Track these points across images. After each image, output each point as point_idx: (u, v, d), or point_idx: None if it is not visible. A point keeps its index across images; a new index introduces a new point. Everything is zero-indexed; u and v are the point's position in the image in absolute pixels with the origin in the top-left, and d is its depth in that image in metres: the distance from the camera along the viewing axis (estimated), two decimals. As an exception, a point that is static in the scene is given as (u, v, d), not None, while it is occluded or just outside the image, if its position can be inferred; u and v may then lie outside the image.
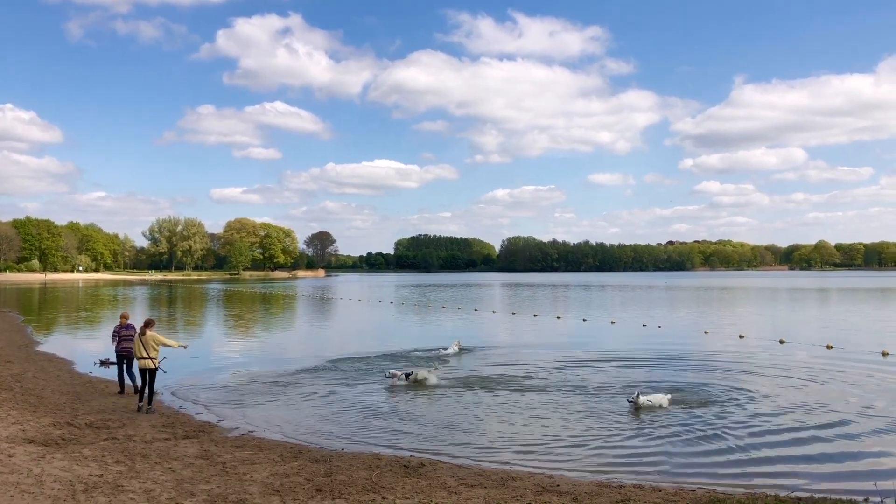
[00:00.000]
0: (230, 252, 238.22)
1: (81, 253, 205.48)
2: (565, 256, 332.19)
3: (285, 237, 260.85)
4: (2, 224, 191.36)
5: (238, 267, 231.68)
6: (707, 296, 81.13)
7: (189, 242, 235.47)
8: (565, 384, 19.59)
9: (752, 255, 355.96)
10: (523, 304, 63.79)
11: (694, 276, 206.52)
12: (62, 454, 11.02)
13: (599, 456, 12.63)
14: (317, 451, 12.28)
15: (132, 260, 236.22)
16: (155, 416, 14.91)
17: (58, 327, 37.77)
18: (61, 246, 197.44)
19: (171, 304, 66.42)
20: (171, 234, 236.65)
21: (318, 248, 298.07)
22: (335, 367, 22.90)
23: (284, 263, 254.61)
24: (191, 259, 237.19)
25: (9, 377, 18.79)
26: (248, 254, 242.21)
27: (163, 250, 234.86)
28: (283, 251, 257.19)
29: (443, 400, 17.47)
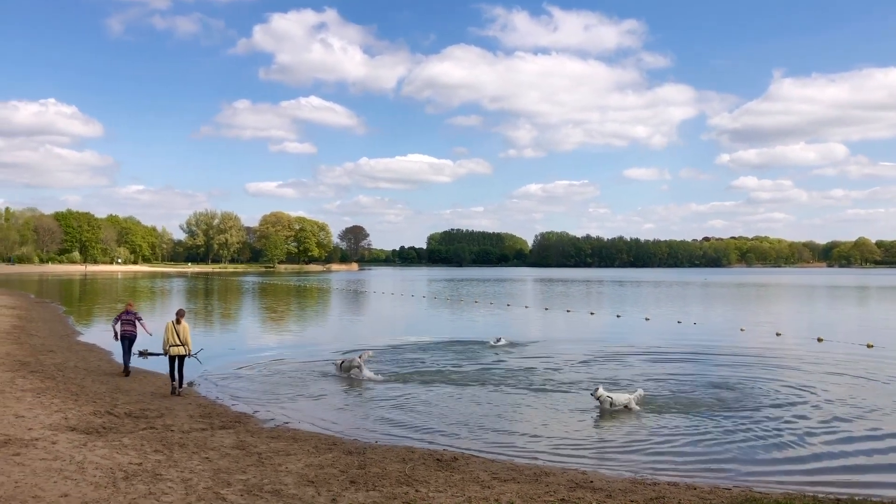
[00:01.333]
0: (266, 245, 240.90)
1: (120, 245, 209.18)
2: (599, 252, 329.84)
3: (319, 231, 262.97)
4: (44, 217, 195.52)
5: (273, 260, 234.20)
6: (743, 293, 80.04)
7: (225, 236, 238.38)
8: (598, 380, 19.47)
9: (789, 251, 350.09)
10: (556, 299, 63.53)
11: (730, 273, 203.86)
12: (103, 442, 11.25)
13: (633, 452, 12.55)
14: (350, 444, 12.38)
15: (170, 252, 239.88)
16: (192, 406, 15.15)
17: (98, 318, 38.51)
18: (101, 238, 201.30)
19: (207, 296, 67.34)
20: (207, 227, 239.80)
21: (351, 242, 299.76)
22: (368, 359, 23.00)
23: (319, 257, 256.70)
24: (227, 252, 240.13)
25: (52, 366, 19.21)
26: (284, 247, 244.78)
27: (200, 243, 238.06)
28: (318, 245, 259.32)
29: (474, 394, 17.48)
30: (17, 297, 53.38)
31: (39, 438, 11.13)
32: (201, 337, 29.58)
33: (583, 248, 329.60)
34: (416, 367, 21.80)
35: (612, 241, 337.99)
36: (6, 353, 20.74)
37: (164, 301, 57.21)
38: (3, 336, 25.28)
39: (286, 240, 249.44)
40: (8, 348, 22.02)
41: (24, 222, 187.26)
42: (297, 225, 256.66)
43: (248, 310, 50.67)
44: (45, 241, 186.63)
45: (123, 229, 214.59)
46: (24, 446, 10.60)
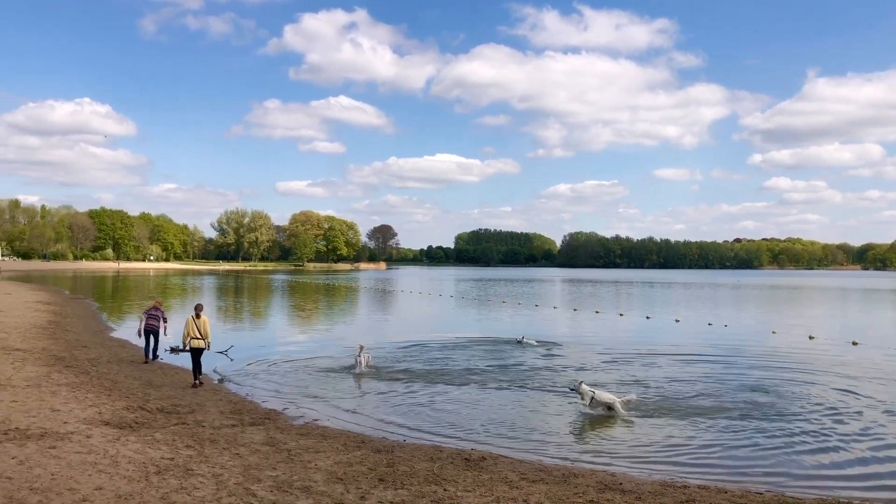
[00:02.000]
0: (295, 244, 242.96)
1: (153, 243, 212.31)
2: (628, 253, 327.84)
3: (348, 230, 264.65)
4: (78, 214, 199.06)
5: (303, 258, 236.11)
6: (775, 295, 78.99)
7: (256, 234, 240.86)
8: (627, 381, 19.34)
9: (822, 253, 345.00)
10: (585, 300, 63.20)
11: (762, 275, 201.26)
12: (135, 437, 11.40)
13: (663, 454, 12.43)
14: (379, 442, 12.41)
15: (201, 250, 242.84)
16: (222, 402, 15.30)
17: (130, 314, 39.05)
18: (134, 236, 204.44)
19: (238, 293, 68.00)
20: (238, 225, 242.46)
21: (379, 241, 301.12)
22: (395, 357, 23.09)
23: (347, 256, 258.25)
24: (257, 250, 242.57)
25: (86, 361, 19.53)
26: (313, 246, 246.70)
27: (230, 241, 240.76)
28: (346, 244, 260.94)
29: (500, 394, 17.45)
30: (53, 293, 54.34)
31: (74, 432, 11.31)
32: (231, 334, 29.90)
33: (612, 248, 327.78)
34: (443, 365, 21.80)
35: (641, 241, 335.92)
36: (42, 348, 21.13)
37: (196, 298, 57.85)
38: (40, 331, 25.75)
39: (315, 238, 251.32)
40: (44, 343, 22.43)
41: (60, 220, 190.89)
42: (326, 224, 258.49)
43: (277, 307, 51.08)
44: (80, 238, 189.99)
45: (155, 227, 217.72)
46: (60, 439, 10.78)
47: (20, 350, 20.30)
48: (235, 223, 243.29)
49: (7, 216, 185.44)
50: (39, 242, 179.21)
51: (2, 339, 22.22)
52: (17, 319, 29.41)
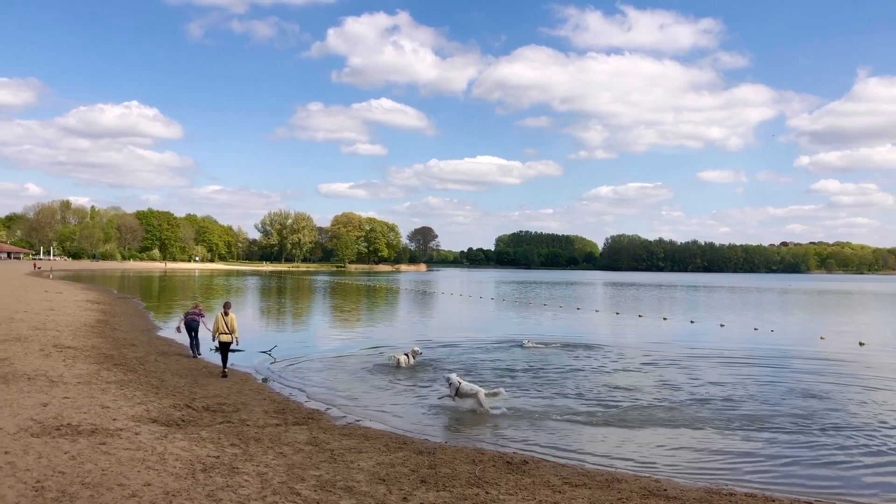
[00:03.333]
0: (337, 245, 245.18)
1: (198, 243, 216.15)
2: (672, 256, 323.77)
3: (389, 231, 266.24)
4: (126, 215, 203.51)
5: (344, 260, 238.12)
6: (823, 300, 77.27)
7: (298, 235, 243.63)
8: (672, 386, 19.09)
9: (873, 258, 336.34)
10: (628, 303, 62.57)
11: (810, 280, 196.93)
12: (182, 434, 11.60)
13: (709, 460, 12.24)
14: (420, 443, 12.43)
15: (245, 251, 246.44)
16: (266, 401, 15.48)
17: (176, 314, 39.75)
18: (180, 237, 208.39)
19: (281, 294, 68.80)
20: (281, 226, 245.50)
21: (420, 243, 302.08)
22: (436, 359, 23.13)
23: (388, 257, 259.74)
24: (300, 251, 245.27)
25: (133, 360, 19.93)
26: (354, 247, 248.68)
27: (273, 242, 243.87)
28: (387, 245, 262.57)
29: (541, 396, 17.34)
30: (101, 292, 55.60)
31: (123, 429, 11.55)
32: (275, 334, 30.27)
33: (655, 251, 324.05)
34: (484, 367, 21.77)
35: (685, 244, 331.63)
36: (92, 347, 21.62)
37: (241, 298, 58.70)
38: (89, 330, 26.36)
39: (357, 240, 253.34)
40: (93, 341, 22.95)
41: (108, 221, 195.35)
42: (368, 225, 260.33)
43: (319, 308, 51.56)
44: (127, 238, 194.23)
45: (201, 228, 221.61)
46: (110, 436, 11.02)
47: (71, 348, 20.80)
48: (279, 224, 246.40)
49: (58, 217, 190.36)
50: (89, 243, 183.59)
51: (54, 337, 22.80)
52: (69, 318, 30.16)
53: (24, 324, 26.04)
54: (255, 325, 35.96)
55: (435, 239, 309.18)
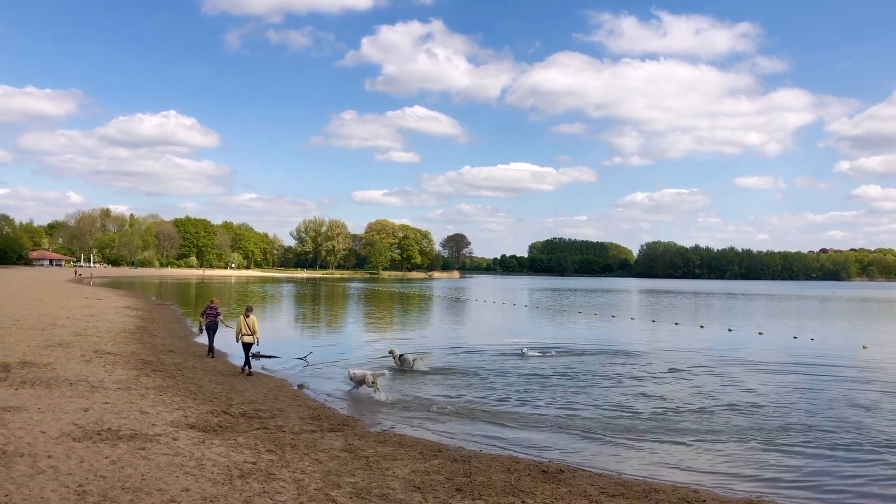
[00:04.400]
0: (370, 252, 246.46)
1: (234, 251, 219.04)
2: (708, 263, 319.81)
3: (422, 239, 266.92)
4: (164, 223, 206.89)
5: (378, 267, 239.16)
6: (866, 308, 75.63)
7: (333, 242, 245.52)
8: (710, 395, 18.81)
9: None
10: (664, 311, 61.89)
11: (850, 287, 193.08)
12: (219, 440, 11.70)
13: (749, 471, 12.02)
14: (455, 451, 12.39)
15: (280, 258, 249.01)
16: (302, 408, 15.56)
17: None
18: (216, 244, 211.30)
19: (316, 301, 69.26)
20: (316, 234, 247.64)
21: (453, 250, 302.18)
22: (469, 365, 23.07)
23: (421, 264, 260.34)
24: (334, 258, 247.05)
25: (172, 366, 20.19)
26: (388, 254, 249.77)
27: (308, 249, 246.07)
28: (421, 252, 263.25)
29: (576, 403, 17.19)
30: (140, 299, 56.48)
31: (162, 434, 11.69)
32: (310, 340, 30.48)
33: (691, 258, 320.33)
34: (518, 374, 21.65)
35: (722, 251, 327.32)
36: (131, 353, 21.95)
37: (277, 305, 59.25)
38: (128, 336, 26.78)
39: (390, 247, 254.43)
40: (133, 348, 23.30)
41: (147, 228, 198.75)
42: (401, 232, 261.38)
43: (353, 314, 51.80)
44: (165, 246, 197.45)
45: (237, 235, 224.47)
46: (149, 441, 11.16)
47: (111, 353, 21.15)
48: (313, 232, 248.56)
49: (98, 225, 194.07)
50: (128, 250, 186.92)
51: (94, 343, 23.20)
52: (108, 324, 30.68)
53: (65, 330, 26.54)
54: (290, 332, 36.26)
55: (468, 246, 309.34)
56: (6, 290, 53.53)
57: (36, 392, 14.37)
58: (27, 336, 23.68)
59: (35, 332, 24.89)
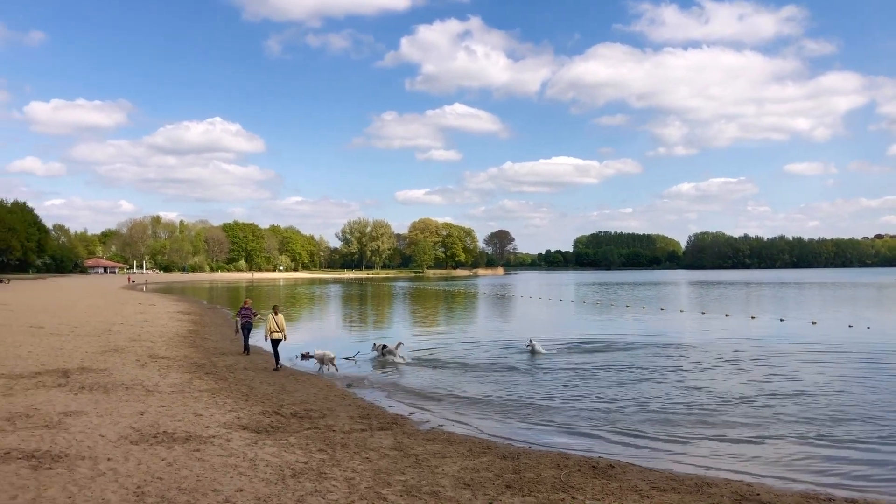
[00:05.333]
0: (415, 251, 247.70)
1: (282, 253, 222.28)
2: (758, 252, 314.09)
3: (466, 236, 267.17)
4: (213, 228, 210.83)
5: (422, 265, 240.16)
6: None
7: (377, 242, 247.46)
8: (763, 386, 18.48)
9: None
10: (713, 302, 60.92)
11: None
12: (272, 441, 11.91)
13: (804, 463, 11.78)
14: (504, 448, 12.40)
15: (326, 259, 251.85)
16: (351, 407, 15.73)
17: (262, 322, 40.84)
18: (264, 247, 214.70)
19: (362, 300, 69.83)
20: (360, 234, 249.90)
21: (497, 247, 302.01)
22: (516, 362, 23.04)
23: (465, 262, 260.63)
24: (379, 258, 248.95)
25: (224, 368, 20.59)
26: (432, 253, 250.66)
27: (353, 250, 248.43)
28: (464, 250, 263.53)
29: (626, 397, 17.05)
30: (192, 303, 57.66)
31: (216, 436, 11.94)
32: (357, 339, 30.75)
33: (741, 248, 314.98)
34: (564, 369, 21.54)
35: (772, 240, 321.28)
36: (184, 356, 22.44)
37: (325, 306, 59.91)
38: (181, 340, 27.37)
39: (434, 245, 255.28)
40: (186, 351, 23.82)
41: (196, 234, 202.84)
42: (444, 231, 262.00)
43: (400, 313, 52.09)
44: (215, 250, 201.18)
45: (284, 238, 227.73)
46: (203, 443, 11.40)
47: (165, 357, 21.65)
48: (358, 233, 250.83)
49: (150, 231, 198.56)
50: (179, 255, 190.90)
51: (149, 348, 23.78)
52: (162, 329, 31.40)
53: (120, 335, 27.25)
54: (338, 331, 36.65)
55: (512, 242, 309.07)
56: (64, 298, 55.13)
57: (94, 397, 14.79)
58: (85, 342, 24.37)
59: (92, 339, 25.61)
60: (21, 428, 11.80)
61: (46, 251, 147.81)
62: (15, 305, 43.02)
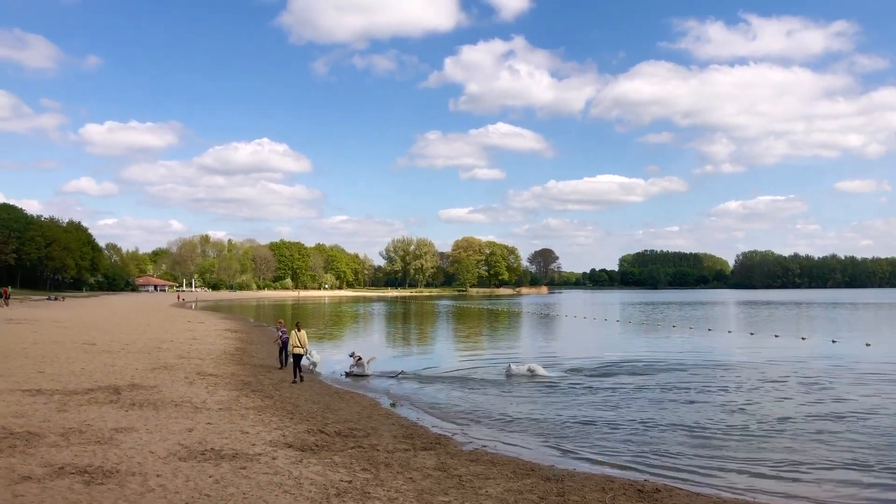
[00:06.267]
0: (458, 270, 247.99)
1: (327, 272, 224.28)
2: (809, 272, 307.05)
3: (509, 255, 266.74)
4: (260, 247, 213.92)
5: (465, 284, 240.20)
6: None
7: (421, 261, 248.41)
8: (815, 410, 18.02)
9: None
10: (762, 323, 59.68)
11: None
12: (316, 459, 12.00)
13: (855, 491, 11.46)
14: (548, 470, 12.30)
15: (370, 278, 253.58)
16: (394, 426, 15.78)
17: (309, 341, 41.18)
18: (310, 266, 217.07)
19: (406, 319, 70.05)
20: (404, 253, 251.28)
21: (540, 265, 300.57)
22: (559, 382, 22.85)
23: (509, 280, 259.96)
24: (422, 276, 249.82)
25: (269, 386, 20.83)
26: (475, 271, 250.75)
27: (397, 268, 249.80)
28: (508, 268, 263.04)
29: (667, 419, 16.77)
30: (239, 321, 58.49)
31: (262, 454, 12.08)
32: (401, 358, 30.85)
33: (790, 267, 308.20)
34: (609, 389, 21.30)
35: (823, 259, 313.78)
36: (231, 374, 22.77)
37: (368, 323, 60.22)
38: (228, 357, 27.79)
39: (477, 264, 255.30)
40: (233, 369, 24.17)
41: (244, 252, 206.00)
42: (488, 249, 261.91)
43: (443, 332, 52.12)
44: (262, 269, 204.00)
45: (329, 257, 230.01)
46: (249, 460, 11.55)
47: (213, 375, 21.99)
48: (402, 251, 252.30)
49: (199, 250, 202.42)
50: (227, 274, 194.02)
51: (197, 365, 24.18)
52: (209, 346, 31.92)
53: (170, 353, 27.77)
54: (382, 350, 36.77)
55: (556, 261, 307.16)
56: (116, 316, 56.44)
57: (144, 413, 15.10)
58: (135, 359, 24.90)
59: (142, 356, 26.15)
60: (74, 443, 12.10)
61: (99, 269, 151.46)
62: (69, 323, 44.18)
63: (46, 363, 22.64)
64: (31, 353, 25.21)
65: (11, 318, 45.60)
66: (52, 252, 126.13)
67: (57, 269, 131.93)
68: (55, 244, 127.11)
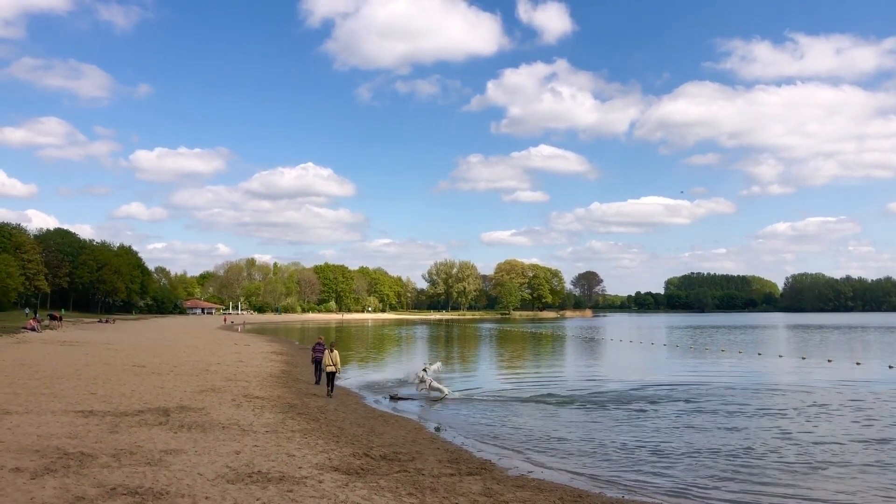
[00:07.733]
0: (501, 293, 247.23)
1: (370, 294, 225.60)
2: (862, 295, 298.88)
3: (552, 278, 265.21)
4: (305, 270, 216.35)
5: (508, 307, 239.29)
6: None
7: (463, 284, 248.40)
8: (870, 438, 17.44)
9: None
10: (814, 347, 58.17)
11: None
12: (362, 483, 11.98)
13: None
14: (596, 497, 12.10)
15: (413, 300, 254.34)
16: (440, 451, 15.70)
17: (352, 363, 41.41)
18: (354, 289, 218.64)
19: (449, 343, 69.93)
20: (447, 276, 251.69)
21: (584, 288, 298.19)
22: (605, 405, 22.53)
23: (552, 303, 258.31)
24: (465, 299, 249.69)
25: (315, 409, 20.92)
26: (518, 294, 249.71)
27: (440, 291, 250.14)
28: (551, 291, 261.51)
29: (716, 445, 16.37)
30: (284, 343, 59.03)
31: (308, 477, 12.10)
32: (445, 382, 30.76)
33: (842, 290, 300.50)
34: (656, 414, 20.91)
35: (877, 282, 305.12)
36: (277, 396, 22.94)
37: (411, 346, 60.23)
38: (274, 380, 28.02)
39: (520, 287, 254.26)
40: (279, 391, 24.35)
41: (289, 276, 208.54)
42: (531, 272, 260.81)
43: (487, 355, 51.89)
44: (306, 292, 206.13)
45: (373, 280, 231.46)
46: (296, 483, 11.58)
47: (259, 398, 22.18)
48: (444, 274, 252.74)
49: (245, 274, 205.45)
50: (272, 297, 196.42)
51: (244, 388, 24.44)
52: (256, 369, 32.25)
53: (217, 375, 28.12)
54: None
55: (600, 283, 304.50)
56: (164, 338, 57.46)
57: (193, 435, 15.26)
58: (183, 382, 25.26)
59: (190, 378, 26.52)
60: (125, 464, 12.28)
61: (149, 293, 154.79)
62: (120, 345, 45.11)
63: (98, 385, 23.09)
64: (84, 375, 25.75)
65: (65, 341, 46.73)
66: (103, 275, 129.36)
67: (108, 292, 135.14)
68: (106, 268, 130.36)
